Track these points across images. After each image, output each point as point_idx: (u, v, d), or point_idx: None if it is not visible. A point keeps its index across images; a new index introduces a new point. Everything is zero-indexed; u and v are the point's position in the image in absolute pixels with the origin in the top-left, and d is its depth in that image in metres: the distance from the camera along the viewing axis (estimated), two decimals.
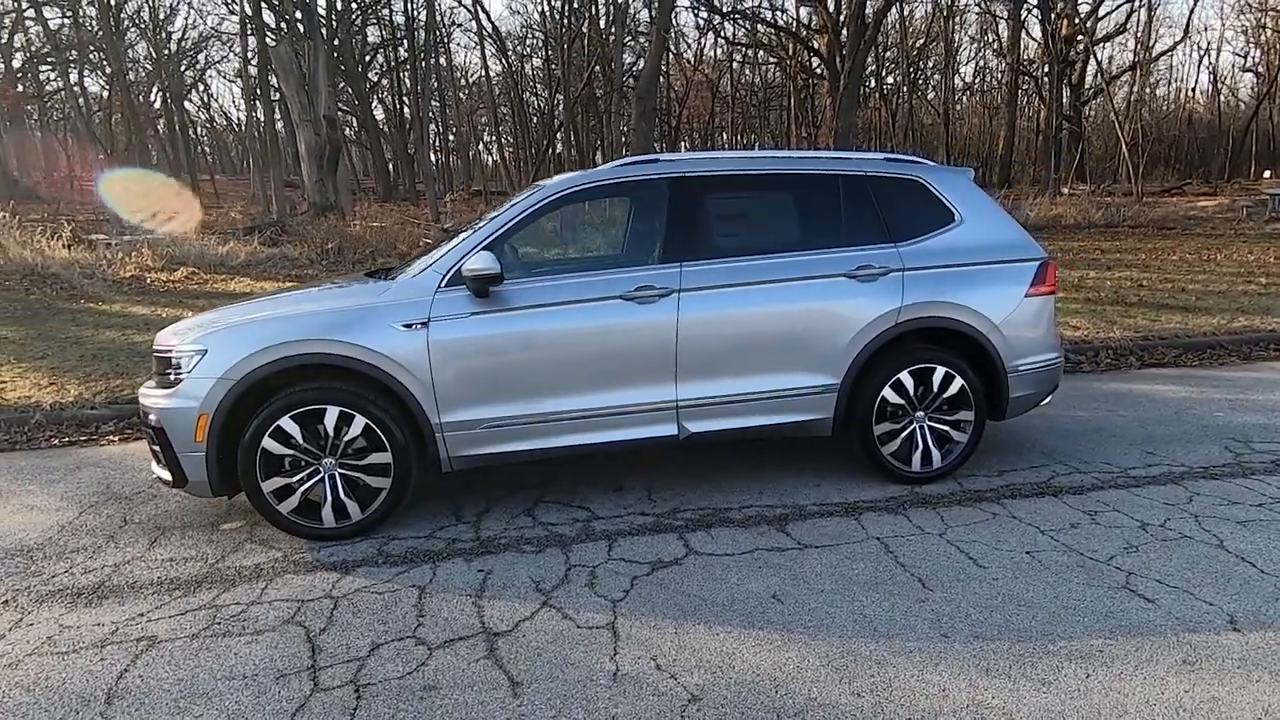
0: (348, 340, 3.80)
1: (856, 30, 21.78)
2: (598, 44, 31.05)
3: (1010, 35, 30.64)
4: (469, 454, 3.99)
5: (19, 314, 10.03)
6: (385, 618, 3.16)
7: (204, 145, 61.57)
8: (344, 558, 3.73)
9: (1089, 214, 17.23)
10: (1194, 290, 9.73)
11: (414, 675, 2.76)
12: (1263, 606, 3.03)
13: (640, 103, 18.41)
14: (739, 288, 4.13)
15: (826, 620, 3.04)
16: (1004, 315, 4.36)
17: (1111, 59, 38.11)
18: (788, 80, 35.72)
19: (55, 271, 12.69)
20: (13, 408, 6.29)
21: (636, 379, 4.05)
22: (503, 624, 3.08)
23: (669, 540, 3.80)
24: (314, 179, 20.12)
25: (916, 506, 4.11)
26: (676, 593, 3.29)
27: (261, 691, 2.70)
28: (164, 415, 3.81)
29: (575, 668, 2.78)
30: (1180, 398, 6.00)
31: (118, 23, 36.40)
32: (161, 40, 41.62)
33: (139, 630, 3.13)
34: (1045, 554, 3.53)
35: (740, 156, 4.50)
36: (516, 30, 49.72)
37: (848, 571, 3.43)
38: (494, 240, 4.00)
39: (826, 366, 4.21)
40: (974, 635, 2.90)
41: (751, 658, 2.81)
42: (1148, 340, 7.36)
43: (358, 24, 39.24)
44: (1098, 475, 4.46)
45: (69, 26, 34.80)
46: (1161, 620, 2.96)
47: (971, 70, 45.85)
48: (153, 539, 4.02)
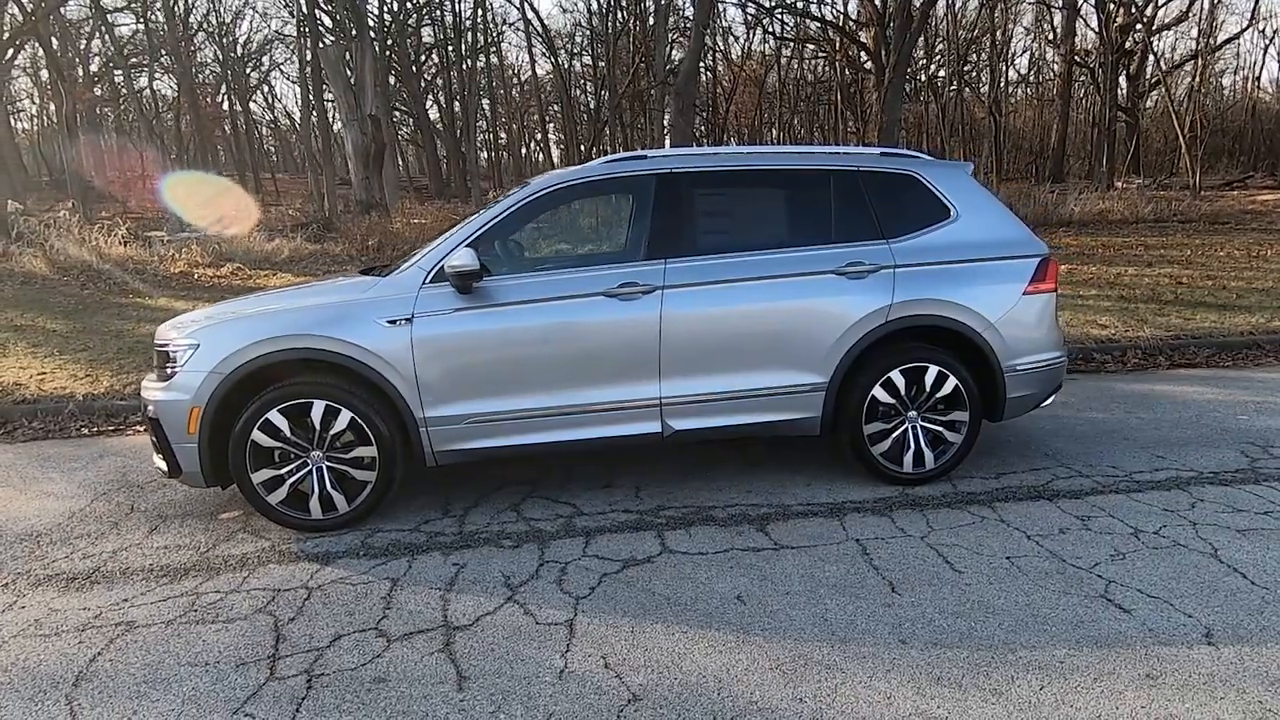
0: (333, 336, 3.87)
1: (903, 23, 21.34)
2: (643, 40, 31.04)
3: (1065, 25, 29.71)
4: (453, 449, 4.03)
5: (70, 308, 10.44)
6: (353, 609, 3.22)
7: (269, 145, 63.33)
8: (328, 549, 3.81)
9: (1138, 209, 16.60)
10: (1235, 288, 9.33)
11: (367, 667, 2.81)
12: (1244, 620, 2.90)
13: (679, 98, 18.33)
14: (724, 285, 4.09)
15: (786, 622, 3.00)
16: (1000, 313, 4.24)
17: (1174, 48, 36.78)
18: (836, 74, 35.23)
19: (110, 268, 13.19)
20: (49, 398, 6.56)
21: (620, 376, 4.05)
22: (464, 618, 3.11)
23: (646, 538, 3.79)
24: (360, 177, 20.49)
25: (904, 508, 4.03)
26: (642, 591, 3.28)
27: (219, 678, 2.77)
28: (159, 407, 3.93)
29: (525, 664, 2.79)
30: (1205, 400, 5.77)
31: (185, 27, 37.66)
32: (228, 44, 43.00)
33: (120, 615, 3.24)
34: (1026, 560, 3.43)
35: (731, 153, 4.45)
36: (566, 28, 49.94)
37: (819, 573, 3.38)
38: (478, 237, 4.03)
39: (814, 365, 4.15)
40: (933, 642, 2.84)
41: (701, 659, 2.79)
42: (1179, 339, 7.09)
43: (413, 25, 39.94)
44: (1099, 479, 4.31)
45: (141, 32, 36.15)
46: (1133, 631, 2.85)
47: (1026, 62, 44.67)
48: (153, 526, 4.15)
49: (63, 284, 12.19)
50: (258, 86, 50.16)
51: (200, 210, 18.77)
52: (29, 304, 10.64)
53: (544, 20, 54.22)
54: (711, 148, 4.96)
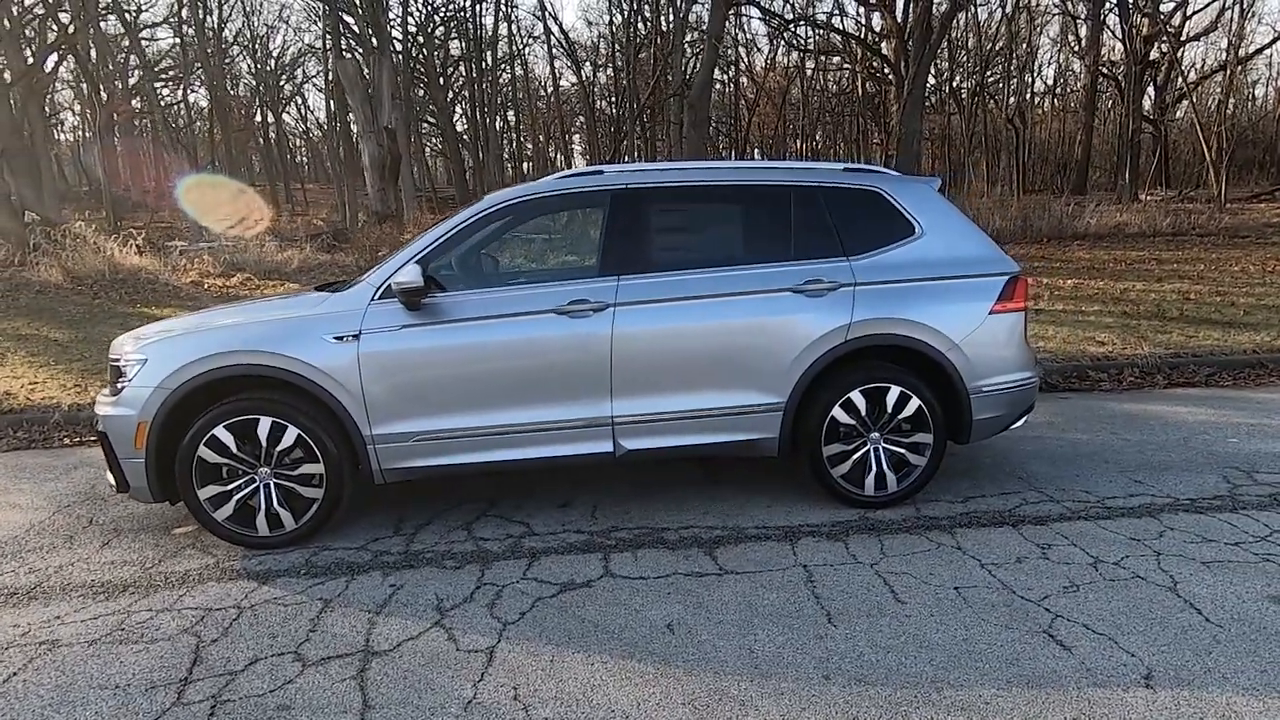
0: (279, 352, 3.84)
1: (922, 35, 21.17)
2: (664, 52, 31.09)
3: (1090, 35, 29.26)
4: (400, 466, 3.98)
5: (77, 318, 10.58)
6: (278, 631, 3.17)
7: (301, 155, 64.37)
8: (271, 566, 3.77)
9: (1156, 221, 16.21)
10: (1244, 304, 9.04)
11: (275, 693, 2.75)
12: (1189, 661, 2.75)
13: (692, 110, 18.31)
14: (677, 302, 4.01)
15: (711, 654, 2.90)
16: (965, 333, 4.11)
17: (1204, 59, 36.07)
18: (859, 86, 35.02)
19: (123, 278, 13.38)
20: (36, 408, 6.62)
21: (569, 394, 3.98)
22: (386, 643, 3.05)
23: (591, 561, 3.71)
24: (376, 188, 20.67)
25: (861, 533, 3.91)
26: (572, 617, 3.20)
27: (126, 703, 2.72)
28: (107, 422, 3.92)
29: (434, 693, 2.72)
30: (1197, 421, 5.57)
31: (220, 40, 38.41)
32: (261, 57, 43.83)
33: (47, 634, 3.21)
34: (974, 590, 3.29)
35: (691, 168, 4.37)
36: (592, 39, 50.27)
37: (757, 601, 3.27)
38: (426, 254, 3.98)
39: (771, 384, 4.05)
40: (857, 678, 2.72)
41: (615, 692, 2.70)
42: (1178, 358, 6.87)
43: (440, 38, 40.44)
44: (1070, 505, 4.16)
45: (177, 46, 36.99)
46: (1069, 670, 2.72)
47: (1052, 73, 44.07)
48: (106, 540, 4.14)
49: (76, 293, 12.37)
50: (291, 98, 51.02)
51: (213, 216, 19.04)
52: (38, 313, 10.81)
53: (568, 34, 54.50)
54: (673, 163, 4.89)
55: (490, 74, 32.07)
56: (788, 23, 27.11)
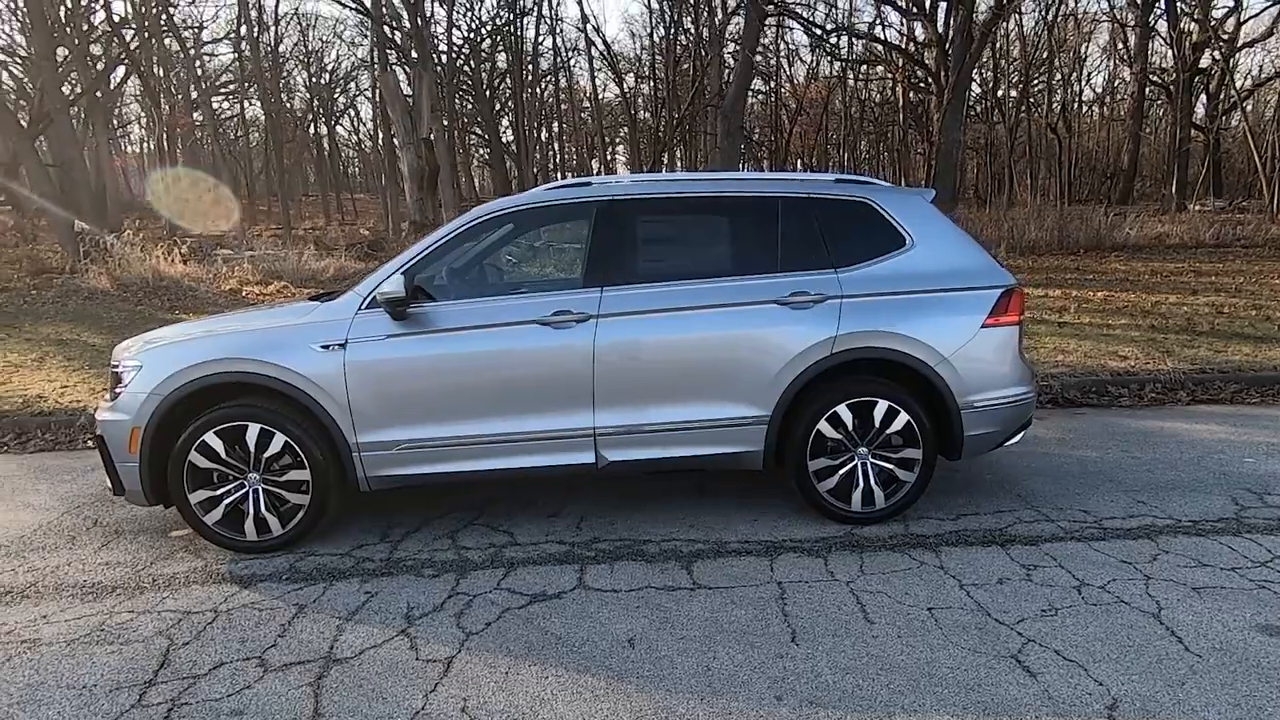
0: (267, 360, 3.91)
1: (962, 44, 20.86)
2: (703, 63, 31.13)
3: (1137, 43, 28.53)
4: (385, 474, 4.02)
5: (118, 323, 10.91)
6: (248, 635, 3.21)
7: (354, 165, 65.85)
8: (255, 571, 3.83)
9: (1199, 232, 15.68)
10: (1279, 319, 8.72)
11: (231, 698, 2.79)
12: (1159, 692, 2.64)
13: (726, 121, 18.27)
14: (661, 314, 3.99)
15: (667, 671, 2.87)
16: (956, 347, 4.02)
17: (1261, 66, 34.91)
18: (901, 95, 34.64)
19: (166, 285, 13.79)
20: (64, 411, 6.83)
21: (552, 405, 3.98)
22: (349, 650, 3.07)
23: (566, 572, 3.70)
24: (415, 198, 20.96)
25: (843, 550, 3.84)
26: (536, 629, 3.19)
27: (88, 703, 2.79)
28: (104, 426, 4.03)
29: (385, 703, 2.73)
30: (1215, 439, 5.36)
31: (276, 56, 39.52)
32: (315, 71, 45.01)
33: (31, 633, 3.30)
34: (948, 612, 3.21)
35: (680, 179, 4.35)
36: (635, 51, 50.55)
37: (724, 618, 3.23)
38: (412, 265, 4.02)
39: (755, 397, 4.01)
40: (809, 700, 2.66)
41: (563, 707, 2.68)
42: (1204, 373, 6.62)
43: (486, 50, 41.09)
44: (1064, 524, 4.03)
45: (235, 63, 38.16)
46: (1029, 699, 2.63)
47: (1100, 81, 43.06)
48: (105, 542, 4.25)
49: (121, 300, 12.78)
50: (344, 111, 52.20)
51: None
52: (82, 318, 11.18)
53: (610, 45, 54.95)
54: (663, 175, 4.88)
55: (533, 86, 32.42)
56: (828, 33, 26.92)
